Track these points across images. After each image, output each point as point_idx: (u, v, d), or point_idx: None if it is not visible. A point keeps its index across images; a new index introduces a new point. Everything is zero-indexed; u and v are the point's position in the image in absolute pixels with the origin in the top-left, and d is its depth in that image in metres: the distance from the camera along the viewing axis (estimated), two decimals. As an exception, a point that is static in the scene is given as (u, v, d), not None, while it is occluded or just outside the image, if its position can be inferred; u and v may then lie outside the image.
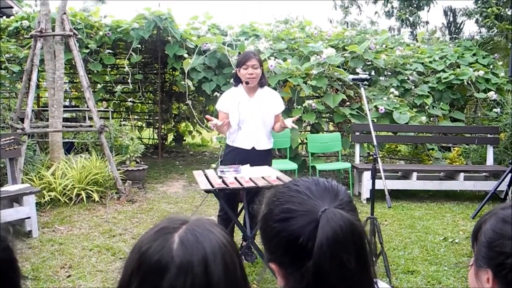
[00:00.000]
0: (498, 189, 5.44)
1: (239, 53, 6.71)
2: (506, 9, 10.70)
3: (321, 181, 0.97)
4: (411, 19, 13.69)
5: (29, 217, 4.38)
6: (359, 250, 0.86)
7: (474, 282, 1.01)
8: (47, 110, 6.46)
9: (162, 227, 0.83)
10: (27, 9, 8.26)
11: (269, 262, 0.96)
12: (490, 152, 6.54)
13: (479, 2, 11.24)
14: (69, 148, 6.87)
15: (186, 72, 6.88)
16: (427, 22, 14.44)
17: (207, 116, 3.73)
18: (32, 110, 6.18)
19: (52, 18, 6.02)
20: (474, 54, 8.30)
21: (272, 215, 0.93)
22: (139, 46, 7.36)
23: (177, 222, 0.83)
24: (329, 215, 0.86)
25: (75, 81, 9.28)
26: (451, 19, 13.32)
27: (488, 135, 6.68)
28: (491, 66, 7.85)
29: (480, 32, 11.15)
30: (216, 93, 6.87)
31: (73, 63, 6.18)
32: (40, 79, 8.10)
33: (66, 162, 5.77)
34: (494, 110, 7.39)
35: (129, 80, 7.85)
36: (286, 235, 0.89)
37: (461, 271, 3.68)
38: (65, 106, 7.60)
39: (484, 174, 6.39)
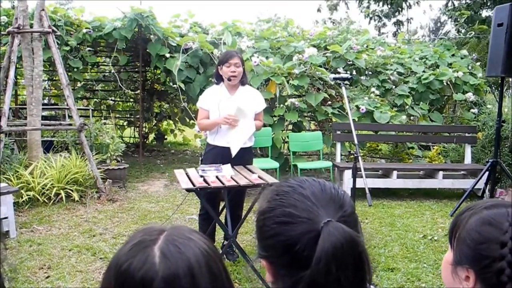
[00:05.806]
0: (475, 187, 5.54)
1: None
2: (480, 10, 10.85)
3: (327, 187, 0.94)
4: (393, 19, 13.84)
5: (6, 217, 4.29)
6: (357, 268, 0.84)
7: (449, 277, 1.01)
8: (25, 108, 6.35)
9: (138, 240, 0.78)
10: (5, 4, 8.09)
11: (260, 258, 0.95)
12: (468, 151, 6.65)
13: (449, 5, 11.38)
14: (48, 146, 6.76)
15: (175, 74, 6.78)
16: (411, 19, 14.62)
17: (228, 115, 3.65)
18: (10, 108, 6.06)
19: (30, 14, 5.92)
20: (453, 55, 8.43)
21: (272, 215, 0.91)
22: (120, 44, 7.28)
23: (154, 233, 0.79)
24: (331, 229, 0.83)
25: (54, 78, 9.12)
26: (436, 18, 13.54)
27: (466, 134, 6.81)
28: (470, 67, 7.98)
29: (458, 31, 11.32)
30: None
31: (52, 60, 6.09)
32: (18, 77, 7.95)
33: (45, 161, 5.68)
34: (472, 110, 7.52)
35: (117, 78, 7.77)
36: (283, 239, 0.87)
37: (440, 268, 3.74)
38: (44, 104, 7.48)
39: (462, 172, 6.51)
